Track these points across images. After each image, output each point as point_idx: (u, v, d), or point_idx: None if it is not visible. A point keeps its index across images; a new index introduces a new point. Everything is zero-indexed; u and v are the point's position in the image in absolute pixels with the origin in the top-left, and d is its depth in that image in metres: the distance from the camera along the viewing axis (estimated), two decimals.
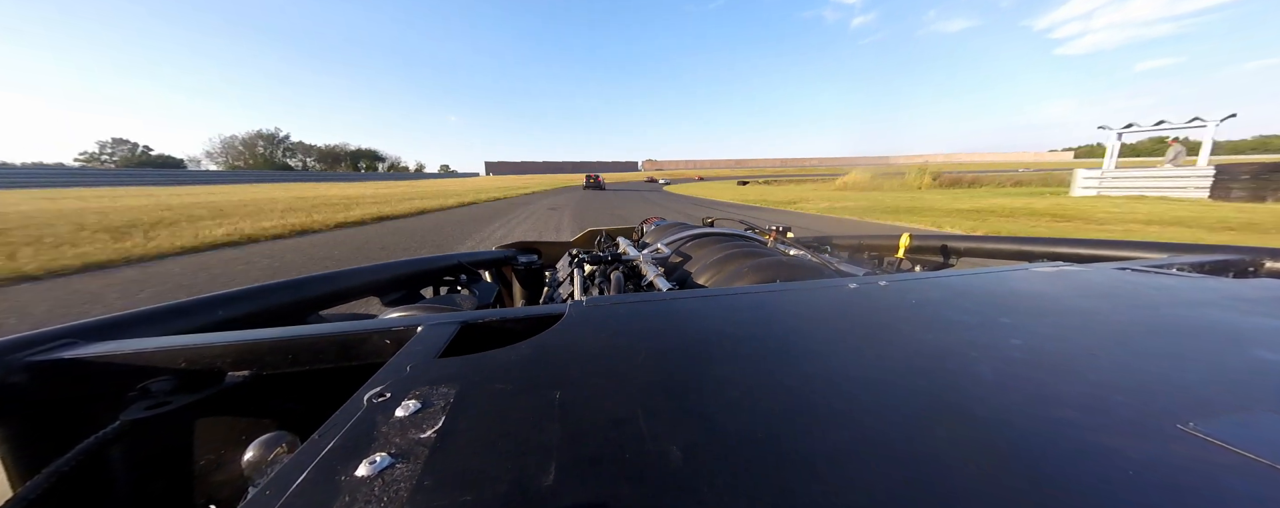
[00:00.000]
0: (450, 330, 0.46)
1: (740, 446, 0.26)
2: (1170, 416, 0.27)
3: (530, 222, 9.64)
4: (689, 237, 1.35)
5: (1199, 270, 0.69)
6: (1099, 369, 0.34)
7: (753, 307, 0.51)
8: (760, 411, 0.29)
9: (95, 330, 0.54)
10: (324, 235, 7.35)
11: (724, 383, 0.33)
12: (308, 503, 0.23)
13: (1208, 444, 0.24)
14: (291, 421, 0.46)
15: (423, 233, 7.70)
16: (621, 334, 0.44)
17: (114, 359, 0.46)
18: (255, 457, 0.35)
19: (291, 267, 4.84)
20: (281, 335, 0.48)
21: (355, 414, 0.31)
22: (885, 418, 0.28)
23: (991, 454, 0.25)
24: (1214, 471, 0.23)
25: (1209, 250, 0.79)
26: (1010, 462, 0.24)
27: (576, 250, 1.92)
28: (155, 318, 0.62)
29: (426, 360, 0.39)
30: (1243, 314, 0.45)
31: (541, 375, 0.35)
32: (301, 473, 0.25)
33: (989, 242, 1.35)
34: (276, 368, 0.48)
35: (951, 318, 0.46)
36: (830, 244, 1.66)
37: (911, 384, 0.32)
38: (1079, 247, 1.12)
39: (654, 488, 0.23)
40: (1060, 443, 0.25)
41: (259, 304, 0.76)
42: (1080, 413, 0.28)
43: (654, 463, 0.24)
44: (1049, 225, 6.76)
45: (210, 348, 0.47)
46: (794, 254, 1.23)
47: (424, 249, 6.02)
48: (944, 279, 0.60)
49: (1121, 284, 0.57)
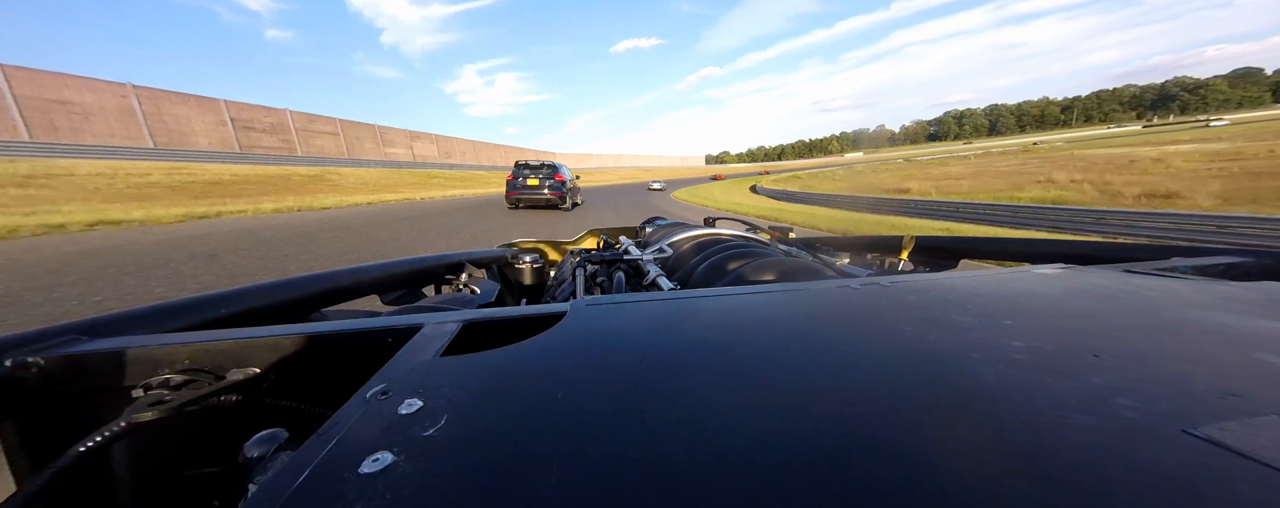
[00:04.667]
0: (452, 329, 0.46)
1: (742, 446, 0.26)
2: (1175, 419, 0.27)
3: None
4: (691, 237, 1.35)
5: (1203, 273, 0.69)
6: (1102, 372, 0.34)
7: (755, 307, 0.51)
8: (762, 411, 0.29)
9: (97, 328, 0.54)
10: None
11: (726, 383, 0.33)
12: (310, 501, 0.23)
13: (1214, 449, 0.24)
14: (293, 419, 0.46)
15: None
16: (623, 334, 0.44)
17: (116, 357, 0.46)
18: (257, 455, 0.35)
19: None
20: (283, 334, 0.48)
21: (357, 413, 0.30)
22: (887, 420, 0.28)
23: (994, 457, 0.24)
24: (1220, 475, 0.22)
25: (1214, 253, 0.79)
26: (1013, 465, 0.24)
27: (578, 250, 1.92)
28: (157, 316, 0.63)
29: (428, 360, 0.39)
30: (1249, 317, 0.44)
31: (543, 375, 0.35)
32: (303, 472, 0.25)
33: (993, 243, 1.35)
34: (278, 366, 0.48)
35: (953, 319, 0.46)
36: (833, 245, 1.66)
37: (913, 386, 0.32)
38: (1083, 248, 1.12)
39: (655, 489, 0.23)
40: (1064, 446, 0.25)
41: (261, 302, 0.77)
42: (1084, 416, 0.28)
43: (656, 463, 0.24)
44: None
45: (212, 346, 0.47)
46: (796, 255, 1.23)
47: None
48: (946, 280, 0.60)
49: (1125, 286, 0.57)
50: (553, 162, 13.49)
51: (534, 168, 13.13)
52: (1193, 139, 34.09)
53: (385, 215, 10.88)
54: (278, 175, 20.42)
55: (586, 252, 1.59)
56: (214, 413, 0.47)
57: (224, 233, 7.35)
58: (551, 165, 13.28)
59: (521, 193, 12.77)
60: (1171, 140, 34.82)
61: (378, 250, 6.12)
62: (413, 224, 9.18)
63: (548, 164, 13.24)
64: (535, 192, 12.78)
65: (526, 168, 13.16)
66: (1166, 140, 35.11)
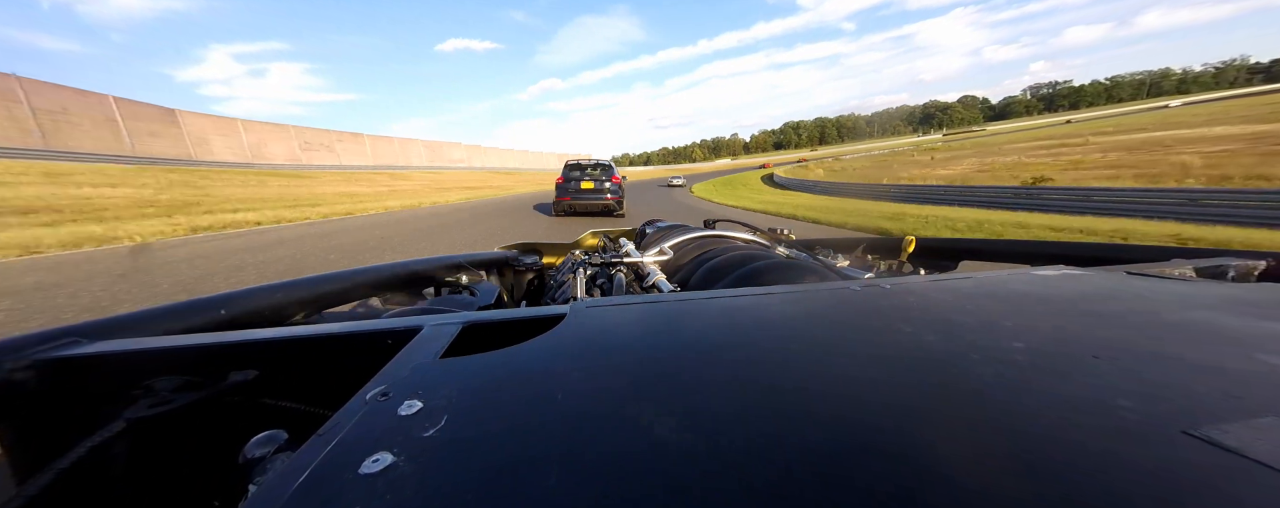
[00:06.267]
0: (452, 331, 0.46)
1: (742, 448, 0.26)
2: (1177, 421, 0.27)
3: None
4: (691, 238, 1.35)
5: (1204, 274, 0.69)
6: (1103, 373, 0.34)
7: (755, 308, 0.51)
8: (762, 412, 0.29)
9: (99, 330, 0.54)
10: None
11: (726, 385, 0.33)
12: (309, 502, 0.23)
13: (1215, 450, 0.24)
14: (293, 420, 0.46)
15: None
16: (623, 336, 0.44)
17: (117, 358, 0.46)
18: (257, 456, 0.35)
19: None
20: (284, 335, 0.48)
21: (357, 414, 0.31)
22: (887, 421, 0.28)
23: (995, 459, 0.24)
24: (1222, 477, 0.22)
25: (1214, 254, 0.79)
26: (1014, 467, 0.24)
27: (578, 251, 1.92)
28: (158, 317, 0.63)
29: (428, 361, 0.39)
30: (1249, 318, 0.44)
31: (543, 376, 0.35)
32: (303, 473, 0.25)
33: (995, 244, 1.35)
34: (279, 367, 0.48)
35: (954, 321, 0.46)
36: (832, 246, 1.66)
37: (914, 388, 0.32)
38: (1083, 249, 1.12)
39: (655, 489, 0.23)
40: (1064, 448, 0.25)
41: (261, 303, 0.77)
42: (1085, 418, 0.28)
43: (656, 465, 0.24)
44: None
45: (213, 347, 0.47)
46: (796, 256, 1.23)
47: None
48: (947, 282, 0.60)
49: (1126, 287, 0.57)
50: (605, 161, 11.55)
51: (587, 168, 11.11)
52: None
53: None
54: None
55: (586, 253, 1.59)
56: (214, 414, 0.47)
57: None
58: (606, 165, 11.35)
59: (576, 197, 10.79)
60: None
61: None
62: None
63: (602, 164, 11.41)
64: (592, 196, 10.72)
65: (578, 169, 11.10)
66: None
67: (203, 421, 0.47)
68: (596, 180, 10.88)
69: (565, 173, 11.20)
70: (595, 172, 11.08)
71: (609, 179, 10.89)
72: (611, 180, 10.88)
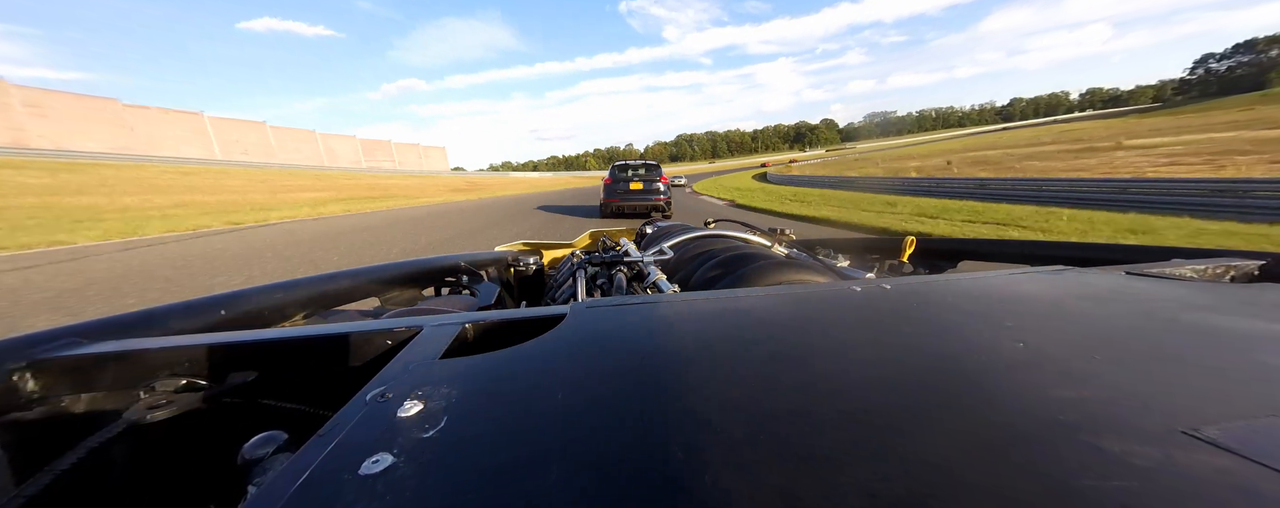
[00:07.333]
0: (452, 331, 0.46)
1: (742, 448, 0.26)
2: (1177, 421, 0.27)
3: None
4: (691, 239, 1.35)
5: (1205, 274, 0.69)
6: (1104, 373, 0.34)
7: (756, 309, 0.51)
8: (763, 413, 0.29)
9: (98, 330, 0.54)
10: None
11: (726, 385, 0.33)
12: (309, 503, 0.22)
13: (1215, 451, 0.24)
14: (293, 421, 0.46)
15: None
16: (623, 336, 0.44)
17: (117, 360, 0.46)
18: (256, 457, 0.35)
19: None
20: (284, 336, 0.48)
21: (357, 415, 0.31)
22: (888, 421, 0.28)
23: (995, 459, 0.24)
24: (1221, 477, 0.22)
25: (1213, 254, 0.79)
26: (1014, 467, 0.24)
27: (578, 252, 1.92)
28: (158, 318, 0.63)
29: (428, 361, 0.39)
30: (1250, 319, 0.44)
31: (543, 377, 0.35)
32: (303, 473, 0.25)
33: (995, 245, 1.35)
34: (279, 368, 0.48)
35: (955, 321, 0.46)
36: (833, 247, 1.66)
37: (914, 388, 0.32)
38: (1083, 249, 1.12)
39: (656, 490, 0.23)
40: (1065, 448, 0.25)
41: (261, 304, 0.77)
42: (1085, 418, 0.28)
43: (656, 465, 0.24)
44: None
45: (213, 348, 0.47)
46: (797, 257, 1.23)
47: None
48: (947, 282, 0.60)
49: (1126, 288, 0.57)
50: (651, 161, 11.60)
51: (635, 168, 11.15)
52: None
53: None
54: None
55: (586, 253, 1.58)
56: (214, 415, 0.47)
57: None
58: (653, 165, 11.35)
59: (624, 199, 10.76)
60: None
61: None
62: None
63: (650, 163, 11.41)
64: (642, 197, 10.70)
65: (628, 169, 11.15)
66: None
67: (202, 421, 0.47)
68: (645, 181, 10.88)
69: (613, 173, 11.29)
70: (642, 172, 11.11)
71: (658, 179, 10.88)
72: (660, 181, 10.87)
